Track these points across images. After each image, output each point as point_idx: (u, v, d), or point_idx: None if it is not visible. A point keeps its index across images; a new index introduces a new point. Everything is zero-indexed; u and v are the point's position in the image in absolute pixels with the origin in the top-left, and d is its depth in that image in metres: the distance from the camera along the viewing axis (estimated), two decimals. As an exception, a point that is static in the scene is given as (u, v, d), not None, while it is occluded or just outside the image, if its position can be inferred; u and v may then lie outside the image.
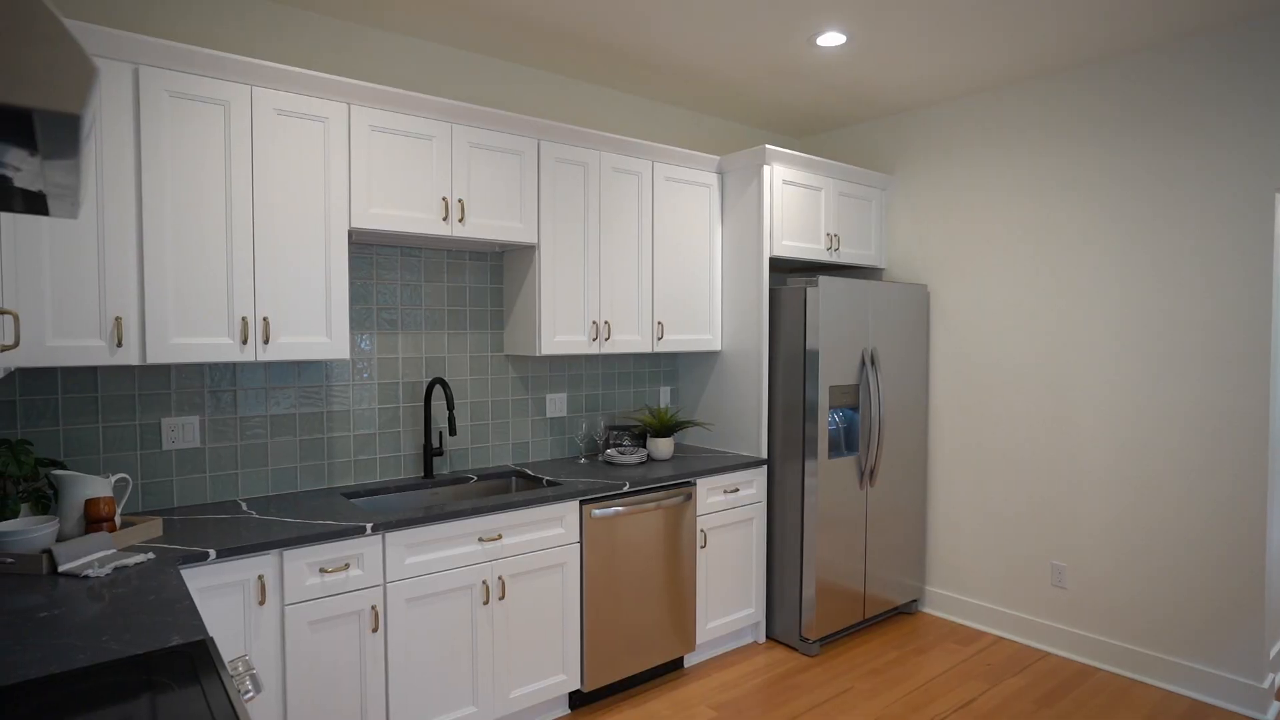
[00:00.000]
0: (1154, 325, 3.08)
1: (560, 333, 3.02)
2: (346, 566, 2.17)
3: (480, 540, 2.47)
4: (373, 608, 2.23)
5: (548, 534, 2.66)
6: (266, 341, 2.28)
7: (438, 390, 3.03)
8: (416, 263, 2.96)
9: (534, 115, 3.27)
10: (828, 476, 3.34)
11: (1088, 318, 3.27)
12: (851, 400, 3.45)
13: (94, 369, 2.29)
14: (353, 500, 2.68)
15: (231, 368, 2.53)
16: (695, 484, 3.15)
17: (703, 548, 3.19)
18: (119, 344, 2.05)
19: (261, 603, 2.03)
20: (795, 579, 3.38)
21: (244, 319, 2.24)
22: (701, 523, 3.18)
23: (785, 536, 3.42)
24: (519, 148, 2.86)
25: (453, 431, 2.76)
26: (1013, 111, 3.50)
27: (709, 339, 3.57)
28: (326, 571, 2.14)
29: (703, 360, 3.73)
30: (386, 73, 2.88)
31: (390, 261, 2.89)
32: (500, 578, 2.52)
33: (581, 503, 2.76)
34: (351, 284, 2.78)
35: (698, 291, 3.52)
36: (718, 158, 3.52)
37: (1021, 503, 3.51)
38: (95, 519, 1.96)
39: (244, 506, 2.43)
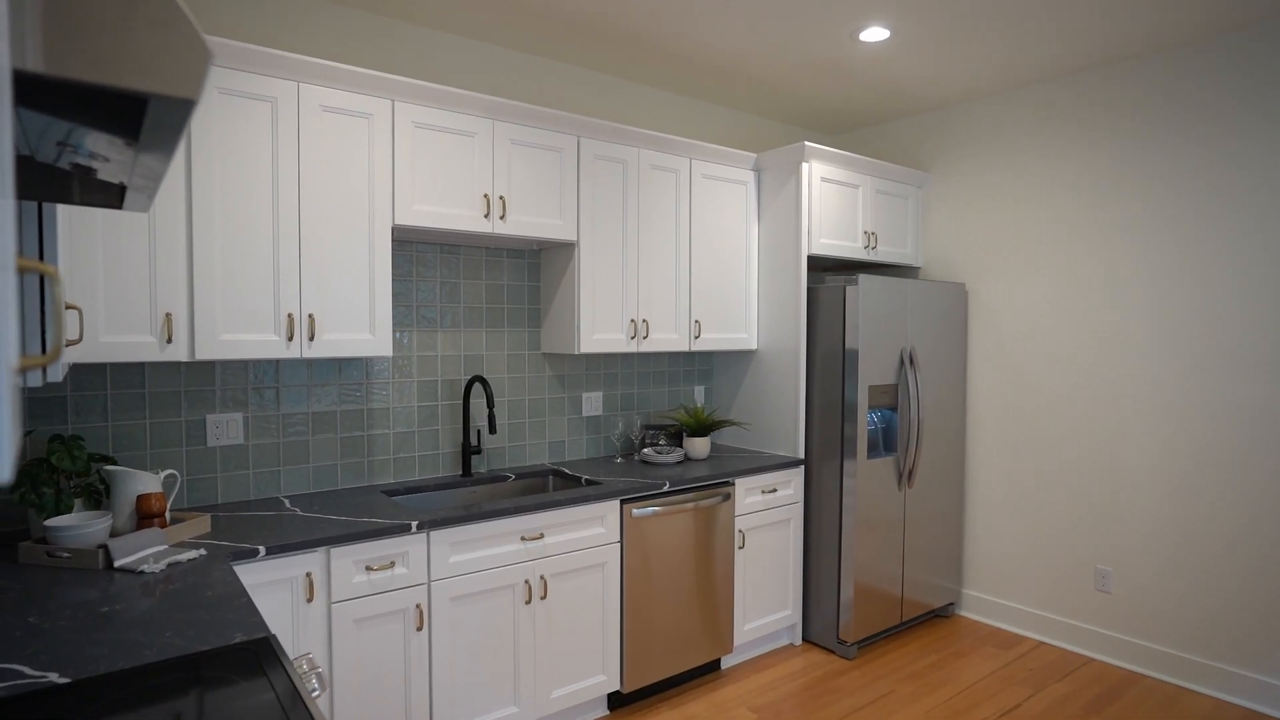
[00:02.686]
0: (1195, 325, 3.00)
1: (599, 331, 3.00)
2: (392, 565, 2.16)
3: (523, 539, 2.46)
4: (417, 606, 2.22)
5: (589, 533, 2.64)
6: (312, 339, 2.28)
7: (476, 388, 3.03)
8: (456, 260, 2.95)
9: (572, 112, 3.26)
10: (866, 477, 3.30)
11: (1130, 317, 3.20)
12: (890, 400, 3.41)
13: (142, 365, 2.30)
14: (393, 498, 2.68)
15: (275, 365, 2.54)
16: (734, 484, 3.11)
17: (741, 548, 3.16)
18: (169, 340, 2.05)
19: (310, 600, 2.03)
20: (833, 581, 3.34)
21: (290, 316, 2.24)
22: (739, 523, 3.15)
23: (822, 538, 3.38)
24: (559, 144, 2.84)
25: (493, 430, 2.75)
26: (1055, 107, 3.44)
27: (745, 338, 3.53)
28: (372, 569, 2.13)
29: (738, 359, 3.69)
30: (424, 69, 2.88)
31: (430, 259, 2.89)
32: (542, 577, 2.51)
33: (622, 502, 2.74)
34: (393, 281, 2.78)
35: (734, 290, 3.49)
36: (754, 155, 3.49)
37: (1063, 505, 3.45)
38: (147, 514, 1.97)
39: (287, 504, 2.43)
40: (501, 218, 2.68)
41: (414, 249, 2.84)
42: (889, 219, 3.77)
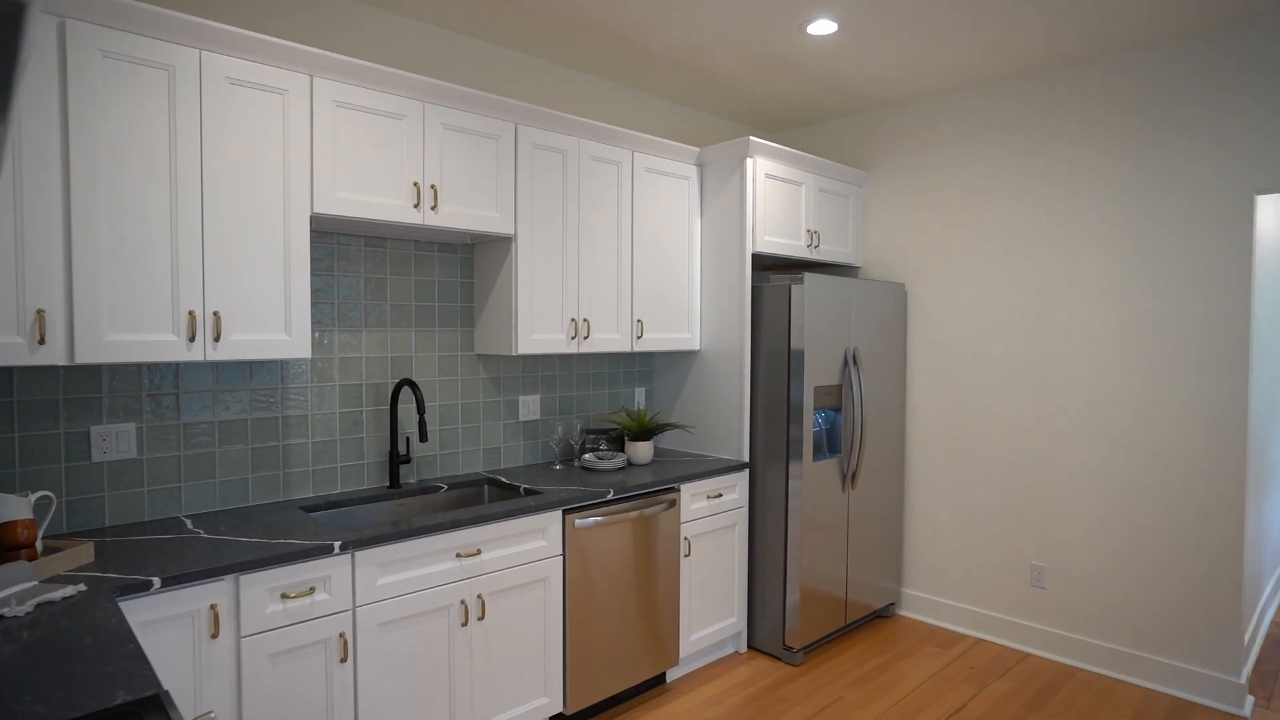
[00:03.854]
0: (1137, 325, 3.08)
1: (538, 331, 2.83)
2: (312, 590, 1.94)
3: (458, 556, 2.27)
4: (341, 635, 2.00)
5: (529, 547, 2.47)
6: (217, 339, 2.03)
7: (405, 393, 2.80)
8: (382, 254, 2.73)
9: (510, 97, 3.07)
10: (812, 480, 3.24)
11: (1070, 317, 3.26)
12: (834, 401, 3.36)
13: (9, 370, 1.99)
14: (312, 514, 2.44)
15: (174, 368, 2.26)
16: (679, 490, 3.00)
17: (686, 556, 3.05)
18: (41, 341, 1.77)
19: (214, 635, 1.78)
20: (778, 586, 3.27)
21: (191, 314, 1.98)
22: (685, 530, 3.03)
23: (767, 542, 3.31)
24: (495, 131, 2.66)
25: (423, 437, 2.54)
26: (996, 109, 3.47)
27: (688, 338, 3.43)
28: (289, 597, 1.90)
29: (680, 360, 3.58)
30: (349, 45, 2.64)
31: (354, 252, 2.65)
32: (479, 596, 2.32)
33: (564, 512, 2.58)
34: (312, 276, 2.53)
35: (677, 288, 3.37)
36: (698, 149, 3.39)
37: (1000, 503, 3.48)
38: (11, 545, 1.69)
39: (189, 524, 2.16)
40: (433, 208, 2.48)
41: (336, 241, 2.60)
42: (830, 218, 3.74)
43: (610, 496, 2.71)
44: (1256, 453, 3.24)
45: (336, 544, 1.97)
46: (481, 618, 2.32)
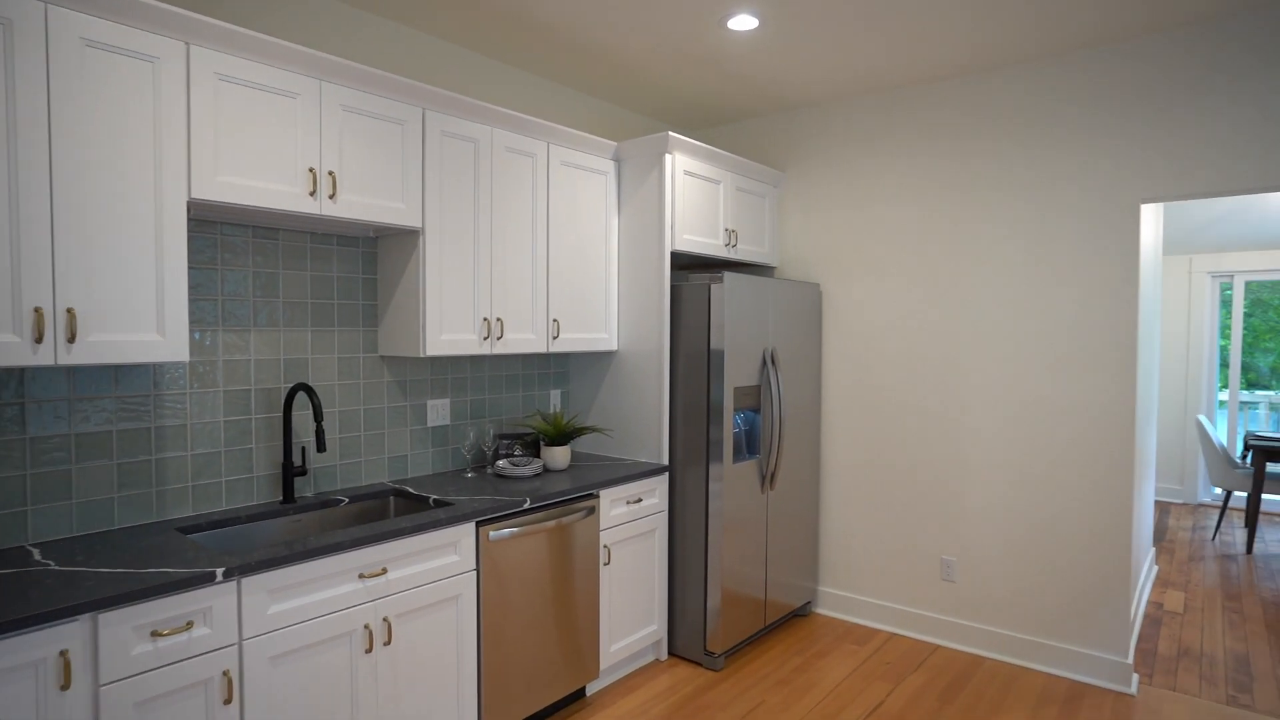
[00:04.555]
0: (1036, 325, 3.21)
1: (447, 331, 2.65)
2: (189, 626, 1.71)
3: (361, 577, 2.07)
4: (225, 673, 1.78)
5: (440, 563, 2.30)
6: (72, 340, 1.76)
7: (300, 398, 2.56)
8: (273, 246, 2.48)
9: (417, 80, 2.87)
10: (732, 481, 3.20)
11: (976, 317, 3.37)
12: (753, 402, 3.34)
13: None
14: (191, 536, 2.18)
15: (18, 374, 1.96)
16: (598, 496, 2.89)
17: (606, 564, 2.94)
18: None
19: (65, 687, 1.53)
20: (699, 590, 3.22)
21: (38, 310, 1.71)
22: (605, 537, 2.93)
23: (687, 547, 3.25)
24: (401, 116, 2.46)
25: (321, 447, 2.32)
26: (904, 112, 3.55)
27: (605, 338, 3.32)
28: (161, 635, 1.67)
29: (597, 361, 3.48)
30: (236, 13, 2.38)
31: (240, 244, 2.39)
32: (385, 619, 2.13)
33: (478, 524, 2.42)
34: (190, 269, 2.27)
35: (594, 287, 3.26)
36: (615, 144, 3.29)
37: (912, 499, 3.57)
38: None
39: (36, 555, 1.88)
40: (331, 197, 2.27)
41: (219, 231, 2.34)
42: (748, 217, 3.73)
43: (526, 505, 2.57)
44: (1139, 445, 3.45)
45: (219, 570, 1.75)
46: (388, 642, 2.14)
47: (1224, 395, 6.58)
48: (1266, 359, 7.06)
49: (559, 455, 3.06)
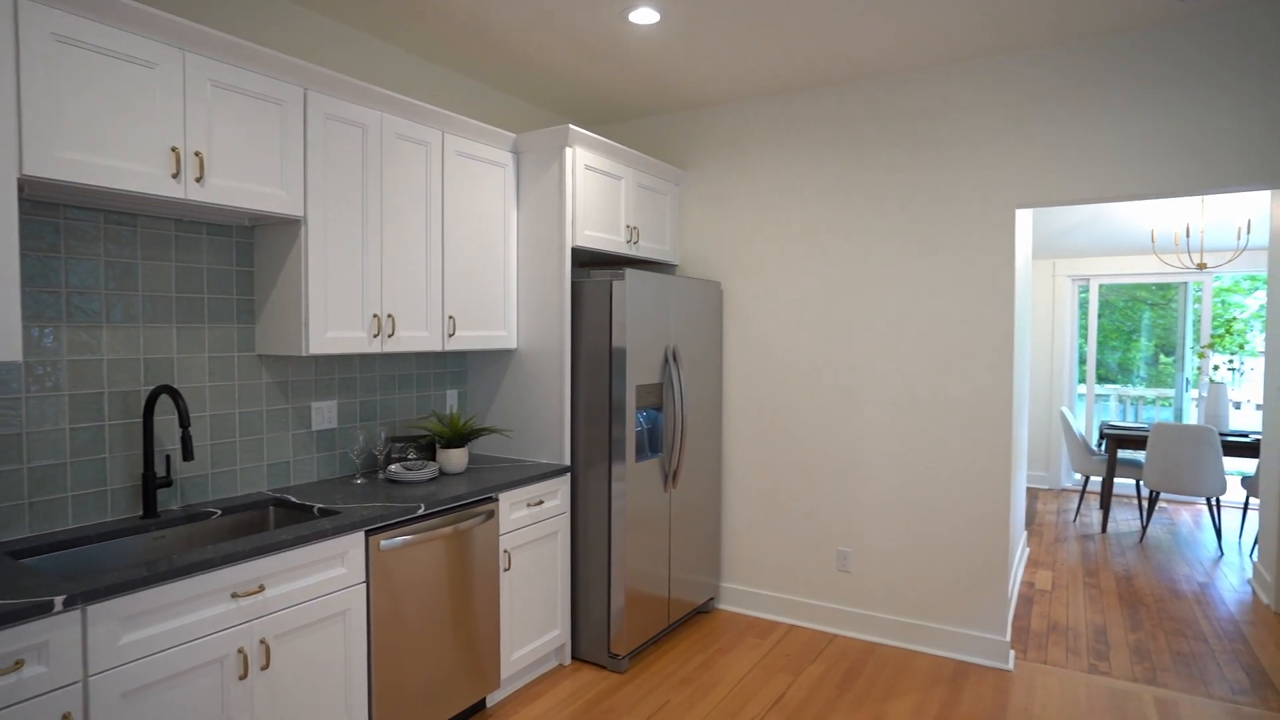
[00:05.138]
0: (923, 324, 3.35)
1: (333, 328, 2.48)
2: (18, 665, 1.50)
3: (234, 596, 1.89)
4: (65, 716, 1.57)
5: (326, 576, 2.14)
6: None
7: (164, 402, 2.32)
8: (130, 234, 2.23)
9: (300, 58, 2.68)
10: (635, 481, 3.17)
11: (868, 316, 3.49)
12: (655, 400, 3.33)
13: None
14: (27, 561, 1.92)
15: None
16: (497, 499, 2.79)
17: (506, 570, 2.84)
18: None
19: None
20: (602, 592, 3.17)
21: None
22: (504, 542, 2.83)
23: (590, 548, 3.20)
24: (280, 95, 2.28)
25: (187, 455, 2.11)
26: (802, 115, 3.63)
27: (504, 336, 3.22)
28: (-13, 675, 1.45)
29: (496, 360, 3.36)
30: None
31: (89, 230, 2.14)
32: (263, 641, 1.96)
33: (367, 534, 2.27)
34: (26, 257, 2.01)
35: (492, 283, 3.15)
36: (514, 135, 3.19)
37: (810, 493, 3.66)
38: None
39: None
40: (198, 180, 2.06)
41: (62, 215, 2.08)
42: (650, 214, 3.71)
43: (421, 512, 2.44)
44: (1015, 436, 3.68)
45: (58, 599, 1.54)
46: (266, 667, 1.96)
47: (1082, 389, 7.17)
48: (1114, 355, 7.76)
49: (456, 458, 2.94)
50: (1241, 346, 7.07)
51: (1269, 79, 2.69)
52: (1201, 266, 5.33)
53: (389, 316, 2.67)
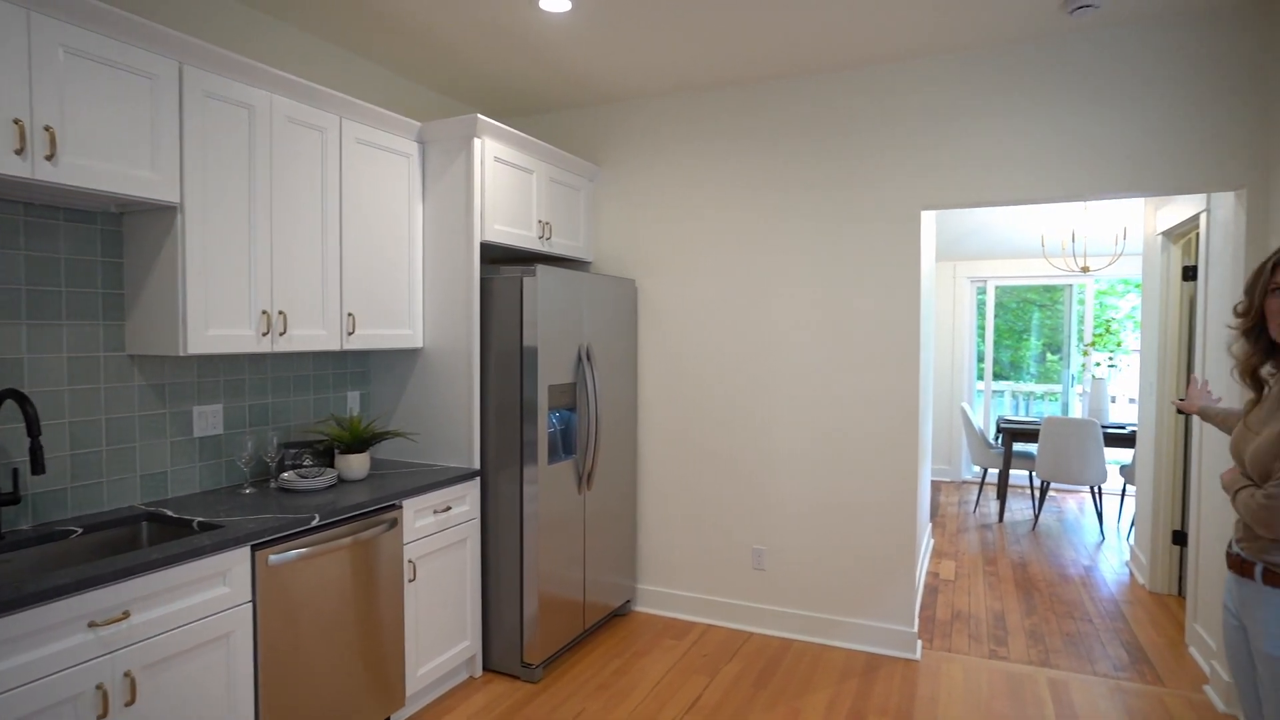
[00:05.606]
0: (834, 323, 3.40)
1: (216, 325, 2.28)
2: None
3: (93, 625, 1.69)
4: (-120, 772, 1.35)
5: (205, 598, 1.95)
6: None
7: (9, 409, 2.07)
8: (-35, 217, 1.97)
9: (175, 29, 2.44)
10: (548, 483, 3.08)
11: (780, 315, 3.51)
12: (568, 400, 3.24)
13: None
14: None
15: None
16: (401, 506, 2.64)
17: (411, 581, 2.69)
18: None
19: None
20: (514, 599, 3.06)
21: None
22: (409, 551, 2.68)
23: (502, 554, 3.08)
24: (149, 68, 2.06)
25: (37, 468, 1.88)
26: (716, 112, 3.62)
27: (409, 334, 3.06)
28: None
29: (401, 359, 3.20)
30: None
31: (-87, 212, 1.87)
32: (128, 674, 1.76)
33: (254, 548, 2.09)
34: None
35: (396, 279, 2.99)
36: (419, 124, 3.04)
37: (725, 492, 3.66)
38: None
39: None
40: (49, 158, 1.84)
41: (-121, 195, 1.82)
42: (562, 210, 3.62)
43: (316, 523, 2.27)
44: (921, 432, 3.79)
45: None
46: (131, 702, 1.77)
47: (980, 385, 7.54)
48: (1007, 354, 8.21)
49: (356, 464, 2.76)
50: (1118, 345, 7.61)
51: (1143, 92, 2.86)
52: (1085, 270, 5.68)
53: (280, 313, 2.48)
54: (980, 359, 7.51)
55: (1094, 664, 3.26)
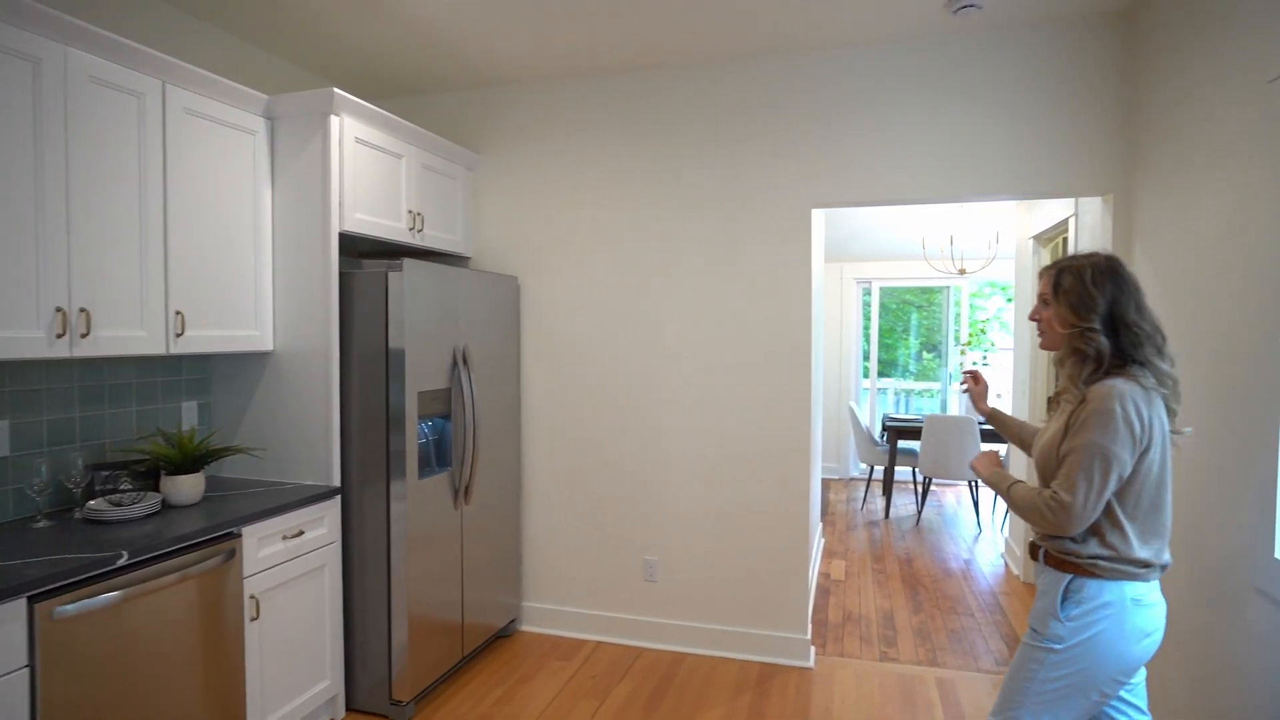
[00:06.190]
0: (727, 322, 3.28)
1: (-13, 324, 1.86)
2: None
3: None
4: None
5: (-42, 666, 1.56)
6: None
7: None
8: None
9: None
10: (419, 499, 2.79)
11: (671, 314, 3.36)
12: (442, 408, 2.96)
13: None
14: None
15: None
16: (240, 534, 2.28)
17: (254, 619, 2.34)
18: None
19: None
20: (382, 629, 2.75)
21: None
22: (251, 586, 2.33)
23: (367, 580, 2.76)
24: (-120, 0, 1.64)
25: None
26: (607, 101, 3.43)
27: (257, 335, 2.69)
28: None
29: (248, 364, 2.81)
30: None
31: None
32: None
33: (31, 600, 1.70)
34: None
35: (240, 273, 2.62)
36: (266, 98, 2.67)
37: (615, 501, 3.47)
38: None
39: None
40: None
41: None
42: (437, 200, 3.32)
43: (124, 561, 1.90)
44: (813, 433, 3.74)
45: None
46: None
47: (866, 384, 7.75)
48: (889, 353, 8.51)
49: (187, 486, 2.38)
50: (992, 345, 8.03)
51: (1021, 96, 2.90)
52: (962, 272, 5.90)
53: (82, 311, 2.07)
54: (866, 358, 7.72)
55: (978, 660, 3.30)
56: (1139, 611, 1.54)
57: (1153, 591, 1.57)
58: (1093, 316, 1.58)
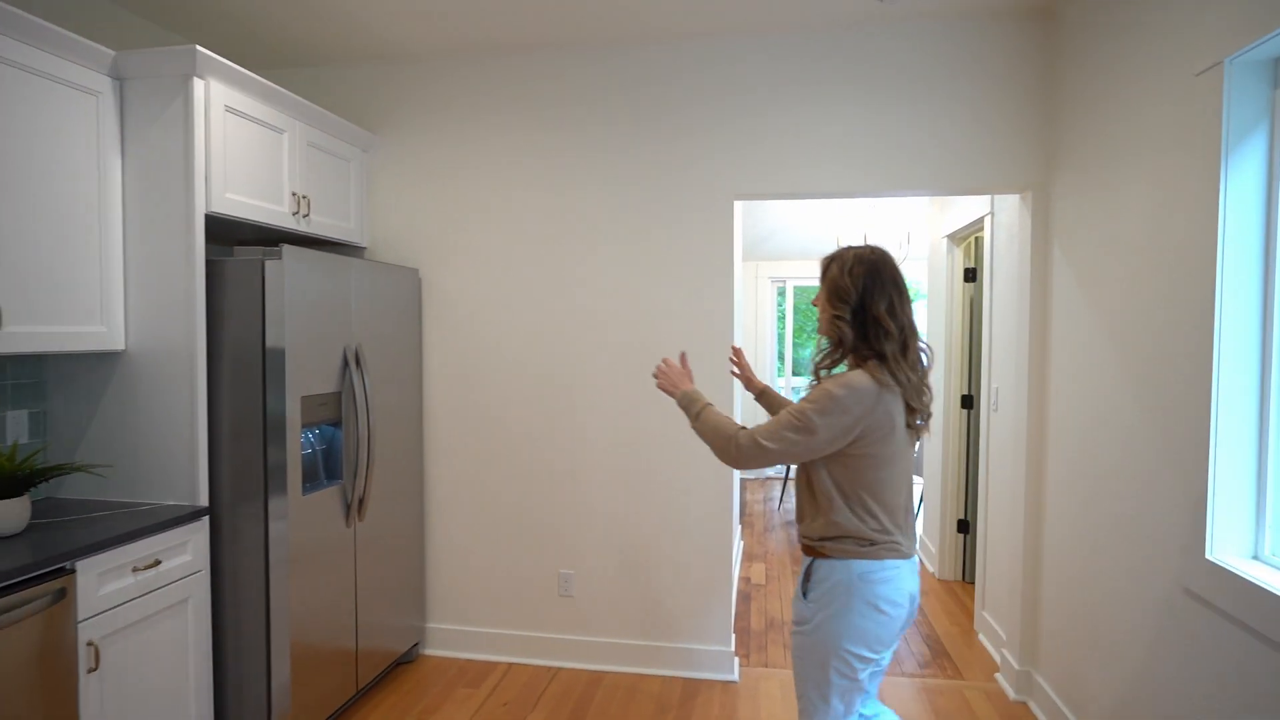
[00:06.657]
0: (643, 321, 3.10)
1: None
2: None
3: None
4: None
5: None
6: None
7: None
8: None
9: None
10: (303, 517, 2.47)
11: (586, 312, 3.15)
12: (332, 414, 2.64)
13: None
14: None
15: None
16: (73, 570, 1.91)
17: (92, 670, 1.97)
18: None
19: None
20: (260, 667, 2.41)
21: None
22: (88, 630, 1.96)
23: (242, 611, 2.42)
24: None
25: None
26: (515, 81, 3.17)
27: (103, 332, 2.30)
28: None
29: (92, 366, 2.41)
30: None
31: None
32: None
33: None
34: None
35: (80, 258, 2.22)
36: (114, 53, 2.28)
37: (527, 513, 3.22)
38: None
39: None
40: None
41: None
42: (326, 183, 2.98)
43: (-94, 613, 1.52)
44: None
45: None
46: None
47: (781, 383, 7.77)
48: (804, 351, 8.59)
49: (7, 513, 1.98)
50: (900, 343, 8.21)
51: (945, 90, 2.85)
52: (875, 271, 5.94)
53: None
54: (781, 357, 7.74)
55: (901, 663, 3.25)
56: (866, 587, 1.62)
57: (882, 569, 1.63)
58: (844, 306, 1.67)
